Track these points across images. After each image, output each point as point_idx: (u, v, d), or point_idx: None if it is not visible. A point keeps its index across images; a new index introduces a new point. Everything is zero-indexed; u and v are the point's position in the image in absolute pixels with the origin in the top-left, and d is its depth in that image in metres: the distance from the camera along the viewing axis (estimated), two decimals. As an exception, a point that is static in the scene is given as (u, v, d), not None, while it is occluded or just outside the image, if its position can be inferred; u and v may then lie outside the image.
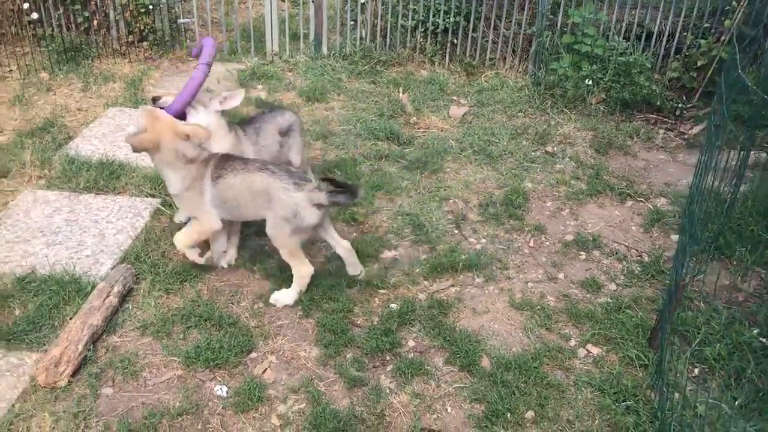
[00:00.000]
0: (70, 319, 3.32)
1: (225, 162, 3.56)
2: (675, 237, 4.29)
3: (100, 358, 3.20)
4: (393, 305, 3.62)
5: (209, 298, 3.60)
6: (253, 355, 3.27)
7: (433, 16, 6.55)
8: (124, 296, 3.55)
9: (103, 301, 3.36)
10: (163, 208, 4.29)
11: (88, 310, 3.29)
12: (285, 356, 3.27)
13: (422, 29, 6.67)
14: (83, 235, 4.03)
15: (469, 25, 6.55)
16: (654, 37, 6.16)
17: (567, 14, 6.17)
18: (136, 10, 6.44)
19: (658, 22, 6.14)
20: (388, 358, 3.29)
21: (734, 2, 5.77)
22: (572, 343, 3.43)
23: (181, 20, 6.83)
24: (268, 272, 3.79)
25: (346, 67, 6.64)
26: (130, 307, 3.52)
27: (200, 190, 3.54)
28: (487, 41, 6.63)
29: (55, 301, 3.45)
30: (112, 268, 3.71)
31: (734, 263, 4.00)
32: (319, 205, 3.44)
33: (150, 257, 3.85)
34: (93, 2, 6.38)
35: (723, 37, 5.78)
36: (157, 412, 2.92)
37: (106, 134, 5.19)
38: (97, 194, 4.44)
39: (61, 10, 6.38)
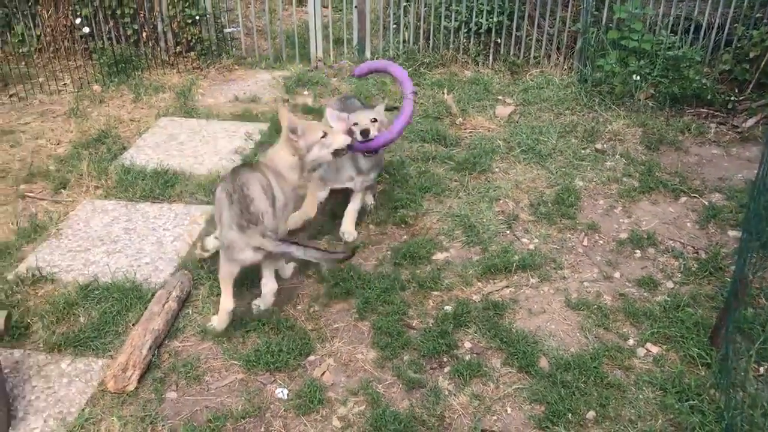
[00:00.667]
0: (133, 325, 3.41)
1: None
2: (732, 233, 4.20)
3: (163, 363, 3.28)
4: (447, 307, 3.62)
5: (266, 302, 3.65)
6: (312, 357, 3.31)
7: (476, 16, 6.54)
8: (184, 301, 3.63)
9: (162, 306, 3.44)
10: (217, 215, 4.37)
11: (149, 315, 3.37)
12: (342, 359, 3.30)
13: (465, 30, 6.66)
14: (142, 243, 4.13)
15: (512, 24, 6.51)
16: (703, 29, 6.04)
17: (612, 10, 6.09)
18: (183, 21, 6.57)
19: (706, 15, 6.02)
20: (445, 359, 3.30)
21: (787, -9, 5.63)
22: (631, 342, 3.39)
23: (227, 30, 6.95)
24: (322, 276, 3.83)
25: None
26: (190, 312, 3.60)
27: None
28: (531, 39, 6.59)
29: (117, 308, 3.54)
30: (171, 275, 3.80)
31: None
32: (259, 249, 3.33)
33: (207, 262, 3.92)
34: (142, 15, 6.53)
35: (776, 28, 5.64)
36: (220, 416, 2.98)
37: (159, 144, 5.31)
38: (153, 202, 4.55)
39: (111, 24, 6.55)
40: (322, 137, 3.59)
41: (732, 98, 5.79)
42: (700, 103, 5.86)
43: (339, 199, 4.31)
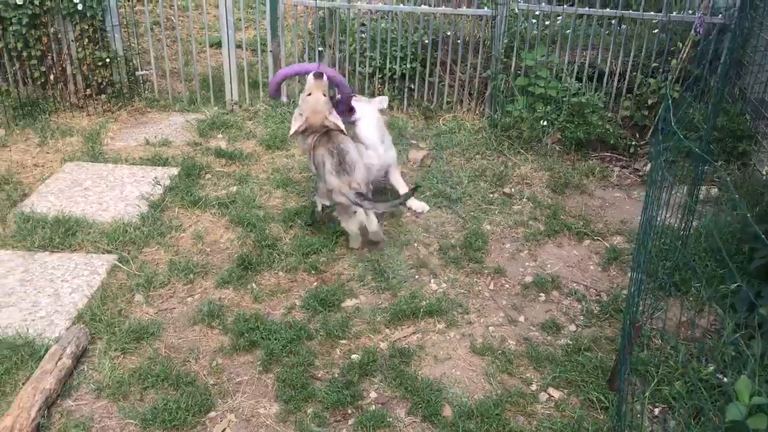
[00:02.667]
0: (23, 384, 3.24)
1: None
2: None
3: (54, 425, 3.12)
4: (354, 356, 3.60)
5: (166, 356, 3.54)
6: (212, 414, 3.21)
7: (390, 62, 6.66)
8: (79, 357, 3.48)
9: (56, 363, 3.29)
10: (120, 264, 4.24)
11: (40, 374, 3.21)
12: (244, 414, 3.22)
13: (380, 75, 6.77)
14: (38, 296, 3.95)
15: (425, 71, 6.66)
16: (605, 77, 6.33)
17: (520, 57, 6.32)
18: (94, 64, 6.44)
19: (608, 63, 6.32)
20: (349, 411, 3.26)
21: (679, 43, 5.97)
22: (534, 387, 3.44)
23: (139, 72, 6.84)
24: (226, 328, 3.75)
25: (306, 114, 6.67)
26: (86, 369, 3.45)
27: None
28: (443, 85, 6.75)
29: (6, 366, 3.36)
30: (66, 329, 3.65)
31: (690, 299, 4.07)
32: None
33: (106, 316, 3.78)
34: (50, 57, 6.36)
35: (670, 77, 5.96)
36: (112, 480, 2.85)
37: (63, 190, 5.13)
38: (53, 252, 4.37)
39: (17, 65, 6.35)
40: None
41: (633, 143, 6.07)
42: (604, 147, 6.11)
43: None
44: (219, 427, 3.13)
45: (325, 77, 4.55)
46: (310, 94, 4.53)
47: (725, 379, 3.30)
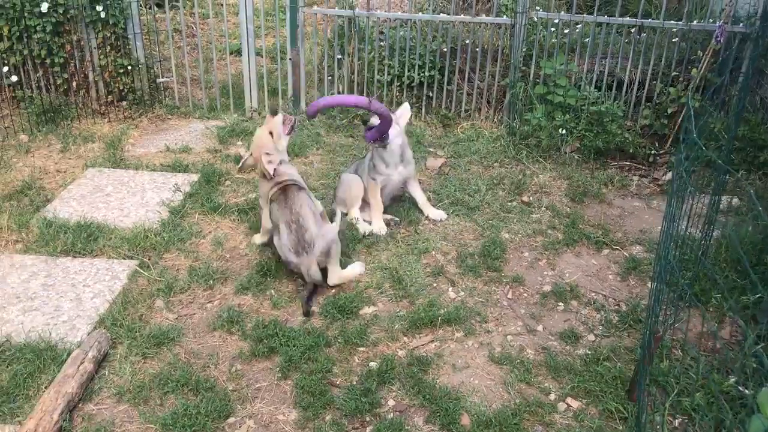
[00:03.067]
0: (46, 388, 3.28)
1: None
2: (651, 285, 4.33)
3: (75, 428, 3.15)
4: (372, 363, 3.60)
5: (186, 361, 3.57)
6: (231, 420, 3.23)
7: (409, 70, 6.68)
8: (100, 362, 3.51)
9: (78, 368, 3.33)
10: (140, 270, 4.28)
11: (62, 378, 3.25)
12: (263, 420, 3.24)
13: (398, 83, 6.79)
14: (60, 300, 4.00)
15: (443, 79, 6.67)
16: (625, 85, 6.30)
17: (539, 66, 6.32)
18: (115, 71, 6.52)
19: (628, 71, 6.30)
20: (367, 419, 3.26)
21: (699, 51, 5.94)
22: (552, 396, 3.43)
23: (160, 79, 6.91)
24: (245, 334, 3.77)
25: (324, 121, 6.73)
26: (107, 373, 3.48)
27: None
28: (462, 93, 6.75)
29: (30, 370, 3.41)
30: (88, 334, 3.69)
31: (711, 310, 4.04)
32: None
33: (127, 321, 3.82)
34: (72, 64, 6.45)
35: (690, 85, 5.93)
36: (132, 484, 2.87)
37: (85, 195, 5.20)
38: (75, 257, 4.43)
39: (41, 72, 6.44)
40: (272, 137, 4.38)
41: (653, 152, 6.04)
42: (623, 156, 6.08)
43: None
44: (238, 433, 3.16)
45: (279, 116, 4.41)
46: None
47: (747, 391, 3.27)
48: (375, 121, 4.78)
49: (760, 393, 2.69)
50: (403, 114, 5.02)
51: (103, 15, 6.24)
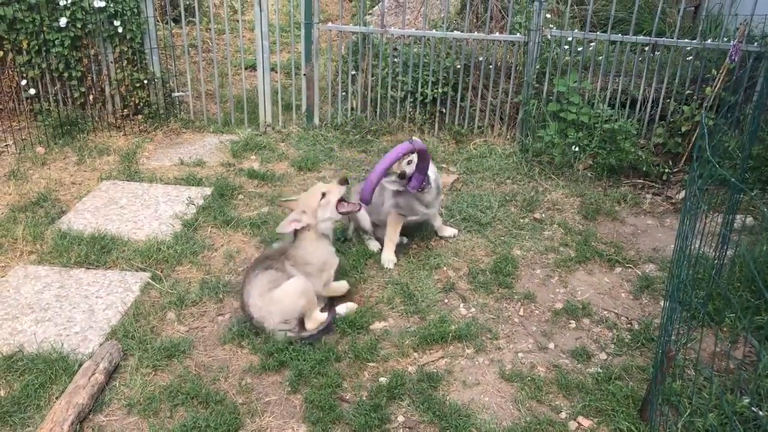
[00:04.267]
0: (57, 398, 3.29)
1: None
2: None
3: (85, 439, 3.16)
4: (382, 379, 3.59)
5: (196, 374, 3.58)
6: (240, 433, 3.23)
7: (422, 87, 6.71)
8: (111, 373, 3.53)
9: (89, 379, 3.34)
10: (153, 282, 4.30)
11: (73, 389, 3.27)
12: (272, 434, 3.24)
13: (411, 99, 6.82)
14: (73, 311, 4.03)
15: (456, 95, 6.69)
16: (638, 103, 6.29)
17: (552, 83, 6.33)
18: (132, 85, 6.59)
19: (641, 90, 6.29)
20: (377, 434, 3.25)
21: (714, 70, 5.93)
22: (563, 415, 3.40)
23: (175, 93, 6.98)
24: (255, 347, 3.77)
25: (337, 136, 6.76)
26: (118, 385, 3.49)
27: None
28: (474, 110, 6.77)
29: (41, 380, 3.43)
30: (100, 345, 3.70)
31: (724, 330, 4.00)
32: None
33: (138, 333, 3.84)
34: (89, 78, 6.53)
35: (704, 104, 5.91)
36: (141, 496, 2.87)
37: (99, 208, 5.24)
38: (88, 269, 4.46)
39: (58, 86, 6.53)
40: (321, 199, 3.98)
41: (666, 170, 6.01)
42: (636, 174, 6.06)
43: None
44: (247, 447, 3.15)
45: (343, 189, 4.08)
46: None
47: (761, 413, 3.23)
48: (409, 168, 4.50)
49: (775, 415, 2.67)
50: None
51: (120, 30, 6.33)
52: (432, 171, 4.64)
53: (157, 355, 3.67)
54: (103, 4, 6.17)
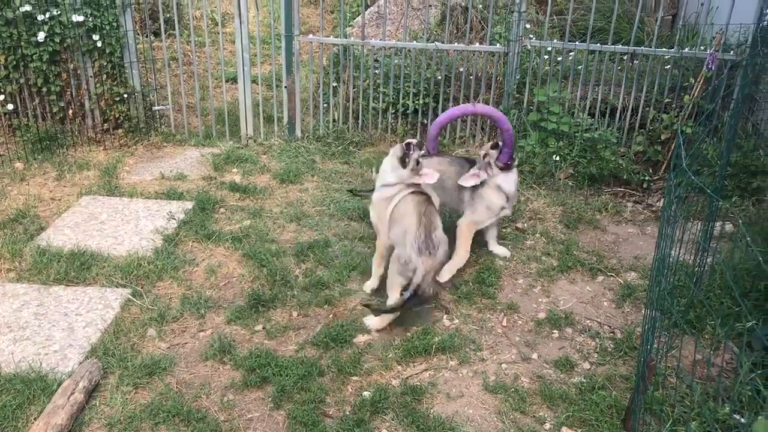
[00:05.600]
0: (35, 419, 3.24)
1: None
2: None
3: (64, 460, 3.11)
4: (366, 393, 3.57)
5: (178, 391, 3.54)
6: (222, 451, 3.20)
7: (403, 98, 6.72)
8: (91, 392, 3.48)
9: (68, 398, 3.30)
10: (133, 299, 4.26)
11: (52, 409, 3.22)
12: (255, 451, 3.21)
13: (393, 110, 6.83)
14: (52, 330, 3.98)
15: (438, 106, 6.71)
16: (618, 112, 6.34)
17: (532, 93, 6.36)
18: (111, 99, 6.55)
19: (621, 98, 6.35)
20: (360, 449, 3.23)
21: (691, 78, 5.99)
22: (547, 426, 3.40)
23: (156, 107, 6.94)
24: (237, 363, 3.74)
25: (319, 148, 6.74)
26: (98, 404, 3.45)
27: None
28: (456, 120, 6.79)
29: (19, 401, 3.37)
30: (79, 363, 3.66)
31: (706, 337, 4.02)
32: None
33: (119, 350, 3.79)
34: (68, 92, 6.48)
35: (683, 112, 5.97)
36: None
37: (79, 223, 5.19)
38: (68, 286, 4.41)
39: (37, 101, 6.47)
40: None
41: (647, 178, 6.06)
42: (616, 182, 6.10)
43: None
44: (229, 465, 3.12)
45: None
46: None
47: (742, 420, 3.24)
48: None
49: (756, 422, 2.68)
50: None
51: (99, 44, 6.29)
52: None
53: (138, 373, 3.62)
54: (81, 18, 6.13)
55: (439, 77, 6.65)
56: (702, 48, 6.18)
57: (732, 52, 5.99)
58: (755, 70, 5.77)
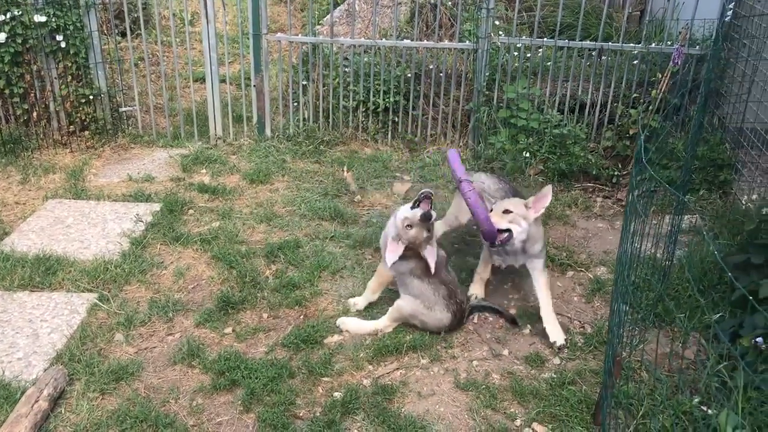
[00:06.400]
0: (-3, 429, 3.18)
1: None
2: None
3: (28, 470, 3.05)
4: (337, 394, 3.55)
5: (146, 396, 3.49)
6: (191, 456, 3.16)
7: (374, 96, 6.70)
8: (56, 399, 3.41)
9: (32, 407, 3.23)
10: (100, 303, 4.19)
11: (15, 418, 3.15)
12: (224, 456, 3.17)
13: (363, 109, 6.81)
14: (15, 337, 3.90)
15: (408, 104, 6.70)
16: (587, 108, 6.38)
17: (502, 90, 6.38)
18: (77, 101, 6.44)
19: (590, 94, 6.39)
20: (331, 451, 3.21)
21: (658, 73, 6.04)
22: (518, 422, 3.40)
23: (123, 108, 6.84)
24: (206, 367, 3.69)
25: (290, 148, 6.70)
26: (63, 411, 3.38)
27: None
28: (427, 118, 6.79)
29: (-19, 411, 3.30)
30: (44, 370, 3.59)
31: (675, 330, 4.06)
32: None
33: (85, 356, 3.73)
34: (32, 94, 6.36)
35: (650, 107, 6.03)
36: None
37: (44, 228, 5.10)
38: (33, 291, 4.32)
39: (0, 103, 6.34)
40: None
41: (616, 173, 6.10)
42: (586, 177, 6.14)
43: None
44: (198, 470, 3.08)
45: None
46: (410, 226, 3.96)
47: (709, 411, 3.27)
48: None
49: (722, 413, 2.71)
50: (540, 199, 4.12)
51: (63, 45, 6.18)
52: (521, 233, 4.09)
53: (105, 379, 3.56)
54: (44, 18, 6.02)
55: (409, 75, 6.64)
56: (669, 43, 6.24)
57: (698, 47, 6.06)
58: (720, 65, 5.84)
